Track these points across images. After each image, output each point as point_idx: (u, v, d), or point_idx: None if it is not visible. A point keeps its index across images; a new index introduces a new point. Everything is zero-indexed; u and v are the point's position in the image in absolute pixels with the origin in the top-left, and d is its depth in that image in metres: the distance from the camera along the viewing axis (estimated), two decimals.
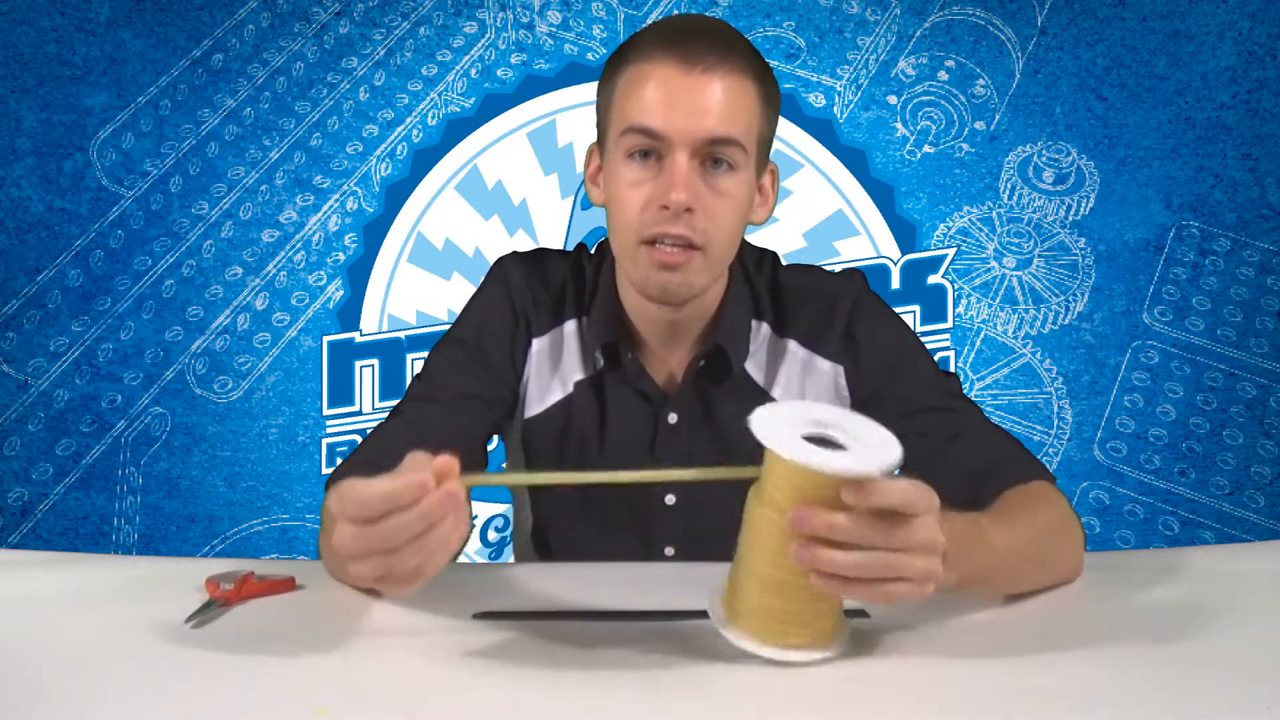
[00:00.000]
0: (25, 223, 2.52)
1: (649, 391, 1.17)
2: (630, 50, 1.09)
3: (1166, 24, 2.51)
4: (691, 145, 1.05)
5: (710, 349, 1.16)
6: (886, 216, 2.53)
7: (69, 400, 2.51)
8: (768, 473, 0.77)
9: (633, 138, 1.06)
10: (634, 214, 1.07)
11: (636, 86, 1.06)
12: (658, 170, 1.06)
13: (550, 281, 1.21)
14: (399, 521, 0.72)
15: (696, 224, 1.06)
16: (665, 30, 1.09)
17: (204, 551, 2.50)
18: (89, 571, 1.14)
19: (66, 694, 0.74)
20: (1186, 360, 2.50)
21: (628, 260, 1.11)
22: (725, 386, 1.17)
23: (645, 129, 1.05)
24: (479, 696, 0.74)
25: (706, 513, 1.16)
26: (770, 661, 0.78)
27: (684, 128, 1.04)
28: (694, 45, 1.05)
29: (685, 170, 1.04)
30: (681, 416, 1.18)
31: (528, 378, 1.20)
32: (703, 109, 1.04)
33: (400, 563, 0.74)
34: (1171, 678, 0.77)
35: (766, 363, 1.20)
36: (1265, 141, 2.50)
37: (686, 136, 1.04)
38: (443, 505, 0.74)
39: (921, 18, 2.54)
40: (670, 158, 1.05)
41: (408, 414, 1.15)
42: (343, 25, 2.56)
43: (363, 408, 2.51)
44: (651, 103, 1.05)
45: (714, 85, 1.05)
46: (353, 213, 2.55)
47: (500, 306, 1.20)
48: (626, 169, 1.07)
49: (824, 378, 1.19)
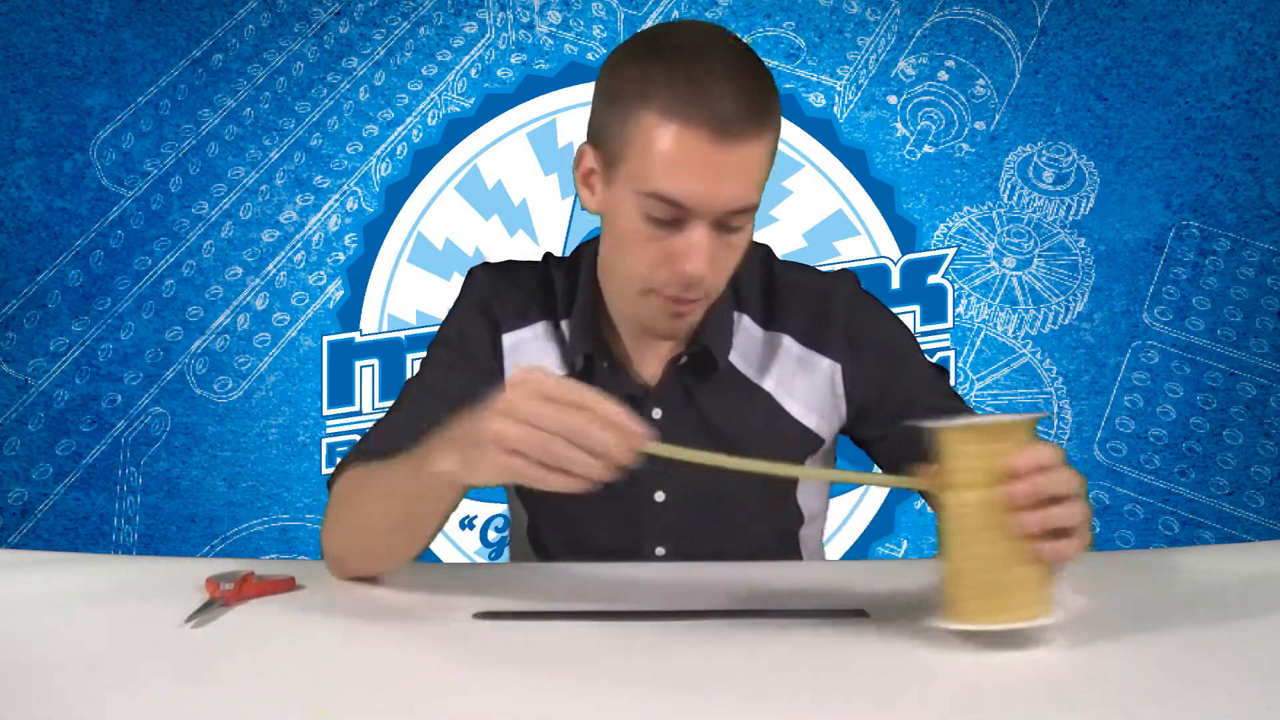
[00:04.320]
0: (25, 223, 2.52)
1: (631, 391, 1.17)
2: (651, 84, 1.01)
3: (1166, 24, 2.51)
4: (713, 217, 1.02)
5: (696, 349, 1.17)
6: (886, 216, 2.53)
7: (69, 400, 2.51)
8: (952, 459, 0.80)
9: (654, 204, 1.02)
10: (643, 267, 1.05)
11: (663, 146, 1.00)
12: (672, 230, 1.03)
13: (516, 283, 1.23)
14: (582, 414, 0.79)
15: (705, 281, 1.05)
16: (689, 73, 1.00)
17: (204, 551, 2.50)
18: (89, 571, 1.14)
19: (66, 694, 0.74)
20: (1186, 360, 2.50)
21: (627, 300, 1.11)
22: (711, 381, 1.18)
23: (671, 201, 1.01)
24: (479, 696, 0.74)
25: (695, 510, 1.17)
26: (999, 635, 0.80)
27: (711, 203, 1.01)
28: (724, 106, 0.98)
29: (705, 242, 1.02)
30: (666, 411, 1.18)
31: (508, 371, 1.21)
32: (730, 182, 1.01)
33: (556, 447, 0.79)
34: (1171, 677, 0.77)
35: (756, 356, 1.20)
36: (1265, 141, 2.50)
37: (710, 210, 1.01)
38: (628, 426, 0.80)
39: (921, 18, 2.54)
40: (690, 224, 1.02)
41: (407, 409, 1.18)
42: (343, 25, 2.56)
43: (363, 408, 2.51)
44: (679, 174, 1.00)
45: (743, 156, 1.00)
46: (353, 213, 2.55)
47: (472, 308, 1.23)
48: (641, 222, 1.04)
49: (821, 375, 1.19)
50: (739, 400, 1.18)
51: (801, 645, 0.85)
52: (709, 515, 1.16)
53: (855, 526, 2.51)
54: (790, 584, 1.09)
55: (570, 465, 0.80)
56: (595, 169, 1.09)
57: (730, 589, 1.04)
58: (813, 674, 0.78)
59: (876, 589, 1.03)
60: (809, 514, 1.25)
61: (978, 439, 0.80)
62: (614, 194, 1.06)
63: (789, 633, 0.88)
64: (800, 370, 1.19)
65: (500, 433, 0.81)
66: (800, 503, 1.24)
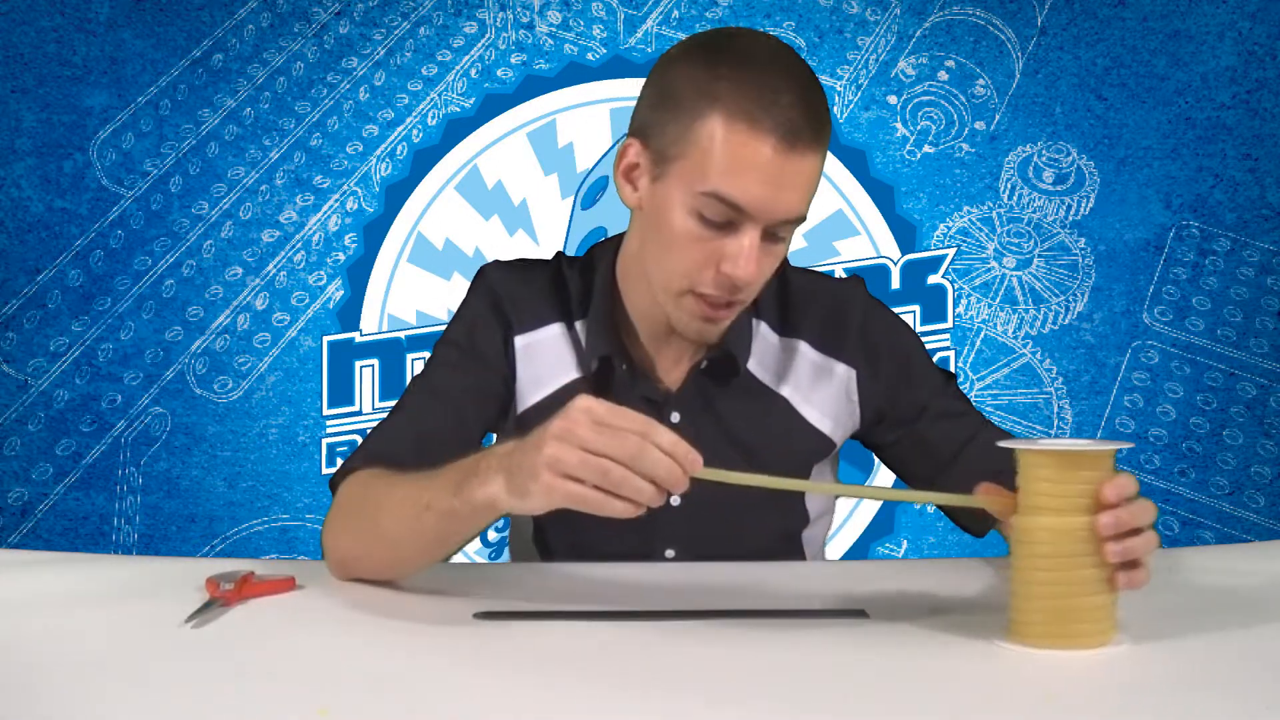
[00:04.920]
0: (25, 223, 2.52)
1: (649, 394, 1.18)
2: (719, 85, 1.02)
3: (1166, 24, 2.51)
4: (768, 223, 1.04)
5: (718, 354, 1.17)
6: (886, 216, 2.53)
7: (69, 400, 2.51)
8: (1033, 481, 0.82)
9: (713, 204, 1.02)
10: (689, 265, 1.06)
11: (729, 148, 1.01)
12: (724, 232, 1.04)
13: (529, 283, 1.23)
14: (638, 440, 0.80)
15: (749, 288, 1.07)
16: (757, 79, 1.01)
17: (204, 551, 2.50)
18: (89, 571, 1.14)
19: (66, 694, 0.74)
20: (1186, 360, 2.50)
21: (668, 298, 1.11)
22: (730, 386, 1.18)
23: (731, 203, 1.02)
24: (479, 696, 0.74)
25: (709, 514, 1.16)
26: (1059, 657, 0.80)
27: (772, 210, 1.02)
28: (792, 115, 1.00)
29: (756, 248, 1.03)
30: (684, 414, 1.18)
31: (518, 374, 1.21)
32: (791, 191, 1.02)
33: (616, 474, 0.80)
34: (1171, 677, 0.77)
35: (773, 362, 1.21)
36: (1265, 141, 2.50)
37: (768, 216, 1.03)
38: (685, 453, 0.81)
39: (921, 18, 2.54)
40: (743, 228, 1.03)
41: (409, 410, 1.18)
42: (343, 25, 2.56)
43: (363, 408, 2.51)
44: (743, 177, 1.01)
45: (804, 166, 1.02)
46: (353, 213, 2.55)
47: (484, 307, 1.22)
48: (693, 221, 1.04)
49: (837, 382, 1.20)
50: (757, 406, 1.19)
51: (802, 645, 0.85)
52: (720, 517, 1.17)
53: (855, 526, 2.51)
54: (791, 584, 1.09)
55: (627, 490, 0.81)
56: (640, 164, 1.09)
57: (730, 589, 1.05)
58: (813, 674, 0.78)
59: (876, 589, 1.03)
60: (814, 515, 1.26)
61: (1063, 465, 0.81)
62: (662, 190, 1.06)
63: (789, 633, 0.88)
64: (817, 377, 1.20)
65: (557, 457, 0.81)
66: (808, 505, 1.25)
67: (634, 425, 0.81)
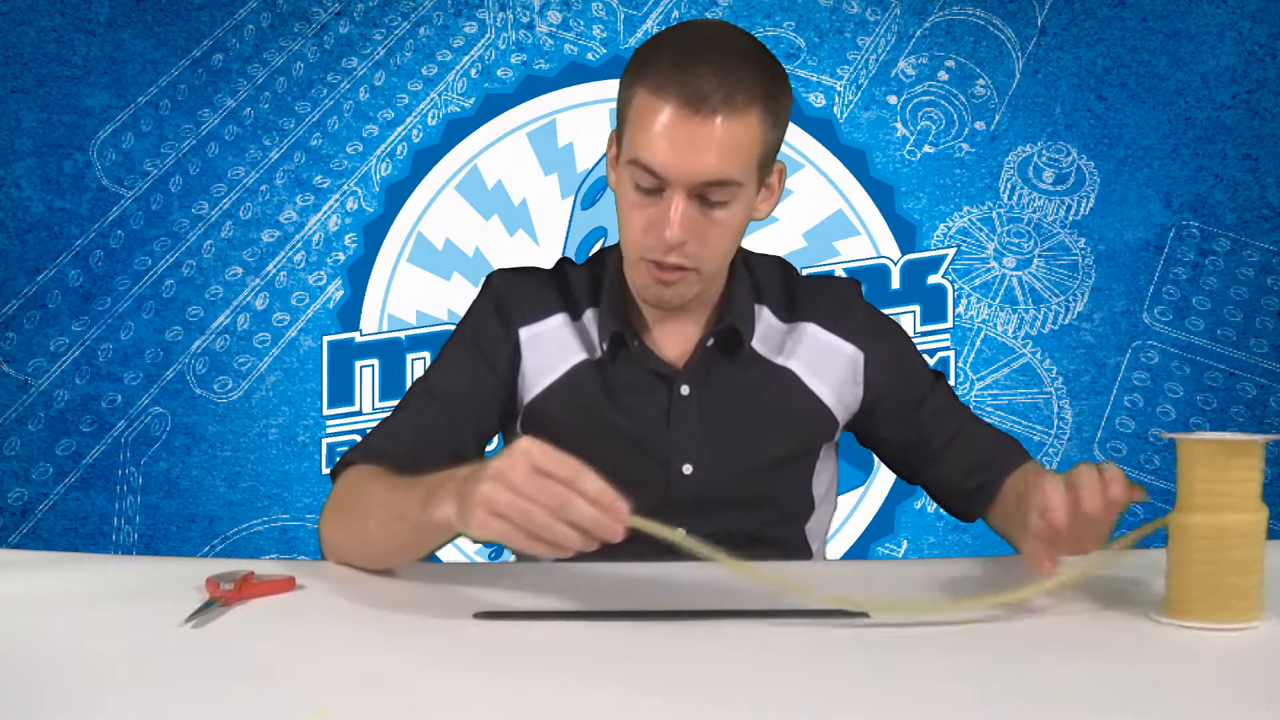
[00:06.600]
0: (25, 223, 2.52)
1: (659, 369, 1.22)
2: (646, 66, 1.10)
3: (1166, 24, 2.51)
4: (688, 187, 1.09)
5: (724, 328, 1.22)
6: (886, 216, 2.53)
7: (69, 400, 2.51)
8: (1194, 482, 0.88)
9: (636, 171, 1.10)
10: (635, 233, 1.14)
11: (645, 118, 1.09)
12: (658, 199, 1.11)
13: (533, 281, 1.28)
14: (570, 490, 0.82)
15: (689, 251, 1.12)
16: (677, 55, 1.09)
17: (204, 551, 2.50)
18: (89, 571, 1.14)
19: (66, 694, 0.74)
20: (1186, 360, 2.50)
21: (630, 268, 1.19)
22: (736, 360, 1.22)
23: (647, 167, 1.09)
24: (479, 696, 0.74)
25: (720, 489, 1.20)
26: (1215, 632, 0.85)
27: (682, 171, 1.08)
28: (700, 83, 1.06)
29: (681, 210, 1.09)
30: (693, 388, 1.22)
31: (524, 364, 1.24)
32: (702, 153, 1.07)
33: (538, 518, 0.82)
34: (1172, 677, 0.77)
35: (778, 342, 1.25)
36: (1265, 141, 2.50)
37: (684, 179, 1.09)
38: (610, 503, 0.83)
39: (921, 18, 2.54)
40: (669, 193, 1.10)
41: (410, 410, 1.22)
42: (343, 25, 2.56)
43: (363, 408, 2.51)
44: (654, 142, 1.08)
45: (715, 129, 1.07)
46: (353, 213, 2.55)
47: (488, 308, 1.26)
48: (632, 191, 1.12)
49: (844, 359, 1.25)
50: (764, 379, 1.24)
51: (802, 645, 0.85)
52: (732, 493, 1.21)
53: (855, 526, 2.51)
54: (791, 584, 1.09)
55: (552, 535, 0.83)
56: (615, 152, 1.18)
57: (731, 589, 1.04)
58: (813, 674, 0.78)
59: (876, 589, 1.03)
60: (817, 499, 1.29)
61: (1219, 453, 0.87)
62: (619, 169, 1.15)
63: (789, 633, 0.88)
64: (824, 353, 1.25)
65: (489, 496, 0.83)
66: (813, 488, 1.28)
67: (564, 473, 0.83)
